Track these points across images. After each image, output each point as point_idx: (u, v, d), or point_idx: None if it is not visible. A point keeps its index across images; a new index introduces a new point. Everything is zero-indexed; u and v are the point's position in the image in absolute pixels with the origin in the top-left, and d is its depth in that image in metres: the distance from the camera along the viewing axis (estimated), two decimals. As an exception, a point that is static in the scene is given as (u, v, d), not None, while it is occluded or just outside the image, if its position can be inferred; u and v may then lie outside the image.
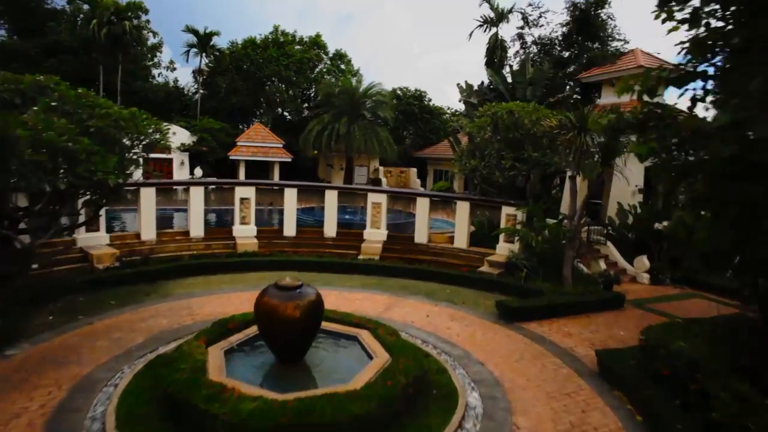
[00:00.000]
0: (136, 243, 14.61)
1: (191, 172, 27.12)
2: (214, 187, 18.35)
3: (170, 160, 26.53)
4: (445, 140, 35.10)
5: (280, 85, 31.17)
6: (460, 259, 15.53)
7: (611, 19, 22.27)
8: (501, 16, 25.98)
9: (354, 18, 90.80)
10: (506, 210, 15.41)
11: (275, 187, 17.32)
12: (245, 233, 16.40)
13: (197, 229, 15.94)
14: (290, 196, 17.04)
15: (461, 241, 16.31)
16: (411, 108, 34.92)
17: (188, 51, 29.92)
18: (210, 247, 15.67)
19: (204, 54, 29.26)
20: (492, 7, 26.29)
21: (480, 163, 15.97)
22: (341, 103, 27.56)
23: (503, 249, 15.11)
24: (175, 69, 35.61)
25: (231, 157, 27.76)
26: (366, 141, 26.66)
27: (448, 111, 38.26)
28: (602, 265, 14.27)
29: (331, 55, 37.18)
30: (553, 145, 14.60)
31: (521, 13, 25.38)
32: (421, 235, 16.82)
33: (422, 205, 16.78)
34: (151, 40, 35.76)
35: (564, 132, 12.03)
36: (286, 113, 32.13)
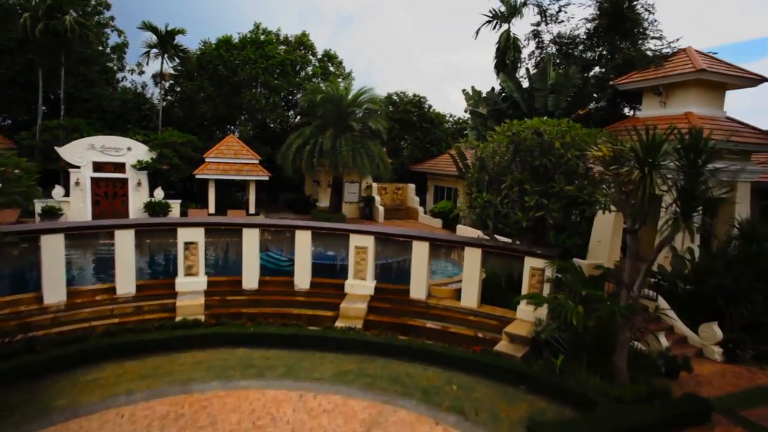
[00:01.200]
0: (34, 310, 11.15)
1: (151, 194, 23.70)
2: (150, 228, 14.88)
3: (125, 181, 23.11)
4: (447, 153, 31.73)
5: (259, 90, 27.76)
6: (470, 327, 12.14)
7: (650, 11, 18.88)
8: (514, 10, 22.67)
9: (354, 19, 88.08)
10: (531, 262, 12.04)
11: (233, 227, 13.88)
12: (191, 287, 13.06)
13: (126, 284, 12.59)
14: (251, 238, 13.64)
15: (471, 297, 12.93)
16: (408, 116, 31.54)
17: (148, 52, 26.51)
18: (141, 309, 12.29)
19: (166, 55, 25.80)
20: (503, 0, 22.96)
21: (496, 197, 12.53)
22: (326, 113, 24.18)
23: (526, 313, 11.75)
24: (143, 72, 32.29)
25: (197, 176, 24.31)
26: (355, 157, 23.32)
27: (450, 119, 34.84)
28: (663, 341, 10.81)
29: (319, 55, 33.84)
30: (592, 176, 11.24)
31: (538, 6, 22.07)
32: (418, 289, 13.45)
33: (420, 251, 13.38)
34: (115, 40, 32.55)
35: (620, 168, 8.60)
36: (269, 122, 28.65)
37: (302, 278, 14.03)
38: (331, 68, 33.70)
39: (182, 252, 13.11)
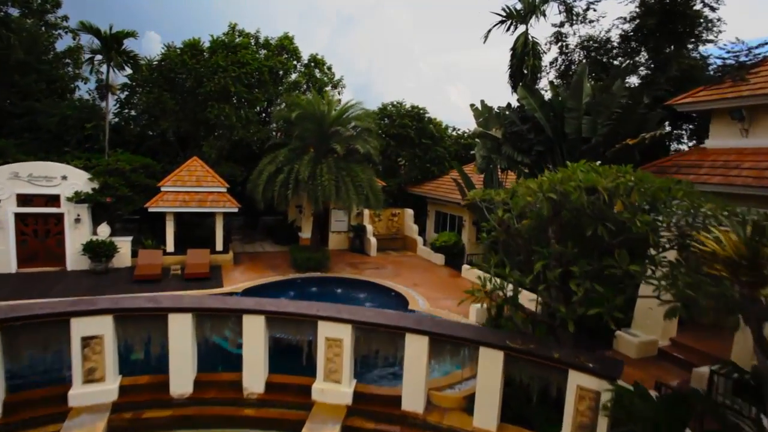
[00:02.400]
0: None
1: (94, 232, 20.04)
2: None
3: (60, 216, 19.45)
4: (450, 174, 28.08)
5: (232, 102, 24.13)
6: (491, 475, 8.40)
7: (712, 7, 15.24)
8: (533, 9, 19.09)
9: (355, 19, 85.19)
10: (579, 379, 8.36)
11: (153, 313, 10.19)
12: (92, 399, 9.40)
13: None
14: (180, 327, 10.02)
15: (488, 416, 9.32)
16: (406, 131, 27.88)
17: (92, 58, 22.83)
18: (6, 446, 8.56)
19: (112, 63, 22.12)
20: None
21: (526, 277, 8.90)
22: (304, 133, 20.56)
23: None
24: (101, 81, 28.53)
25: (150, 210, 20.64)
26: (338, 188, 19.70)
27: (454, 132, 31.16)
28: None
29: (305, 60, 30.22)
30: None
31: (563, 3, 18.51)
32: (414, 399, 9.80)
33: (417, 348, 9.72)
34: (67, 42, 28.95)
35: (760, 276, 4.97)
36: (244, 140, 24.92)
37: (254, 378, 10.38)
38: (318, 74, 30.07)
39: (79, 351, 9.44)
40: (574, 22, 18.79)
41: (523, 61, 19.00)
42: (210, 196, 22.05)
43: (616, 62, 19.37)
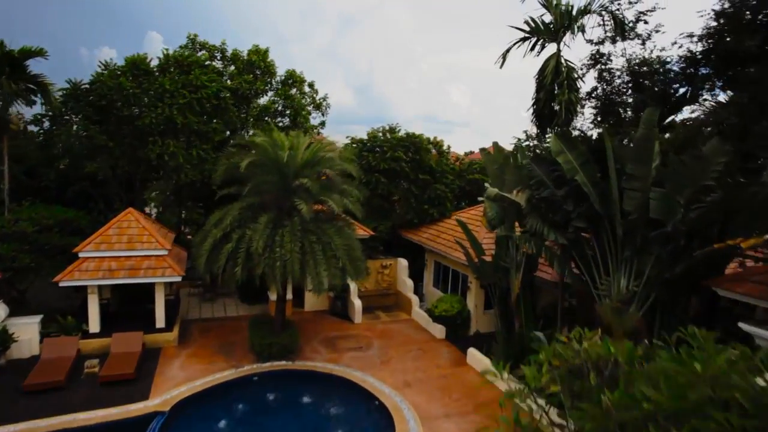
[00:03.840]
0: None
1: (-12, 313, 14.90)
2: None
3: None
4: (453, 216, 22.77)
5: (178, 138, 18.88)
6: None
7: None
8: (568, 22, 13.62)
9: (356, 19, 79.51)
10: None
11: None
12: None
13: None
14: None
15: None
16: (398, 164, 22.50)
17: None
18: None
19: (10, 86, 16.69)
20: (549, 4, 13.87)
21: None
22: (260, 187, 15.30)
23: None
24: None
25: (60, 285, 15.42)
26: (305, 262, 14.41)
27: (457, 163, 25.68)
28: None
29: (281, 76, 24.84)
30: None
31: (606, 11, 13.15)
32: None
33: None
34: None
35: None
36: (197, 180, 19.59)
37: None
38: (296, 93, 24.64)
39: None
40: (621, 37, 13.45)
41: (555, 95, 13.65)
42: (146, 261, 16.76)
43: (671, 89, 14.05)
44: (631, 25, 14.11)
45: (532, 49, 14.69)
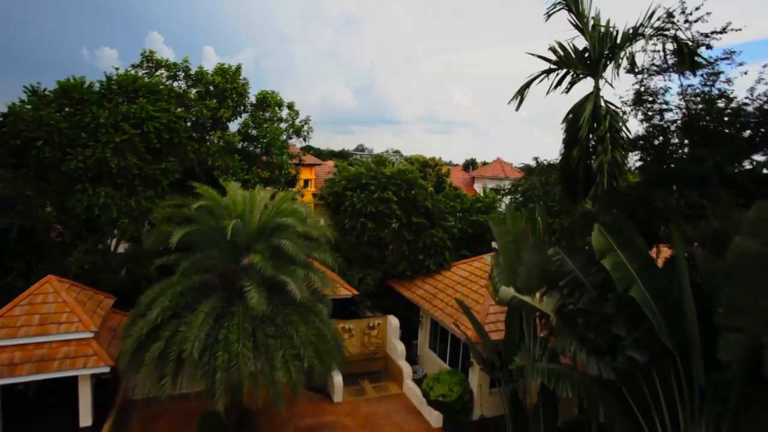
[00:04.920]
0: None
1: None
2: None
3: None
4: (454, 269, 18.98)
5: (115, 185, 15.15)
6: None
7: None
8: (611, 48, 9.72)
9: (357, 19, 75.60)
10: None
11: None
12: None
13: None
14: None
15: None
16: (388, 206, 18.64)
17: None
18: None
19: None
20: (584, 26, 9.95)
21: None
22: (204, 263, 11.54)
23: None
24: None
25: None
26: (259, 370, 10.71)
27: (458, 200, 21.73)
28: None
29: (251, 99, 21.02)
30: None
31: (670, 39, 9.34)
32: None
33: None
34: None
35: None
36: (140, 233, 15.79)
37: None
38: (266, 115, 20.73)
39: None
40: (691, 70, 9.62)
41: (592, 152, 9.79)
42: (63, 348, 12.97)
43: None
44: (690, 47, 10.21)
45: (559, 84, 10.82)
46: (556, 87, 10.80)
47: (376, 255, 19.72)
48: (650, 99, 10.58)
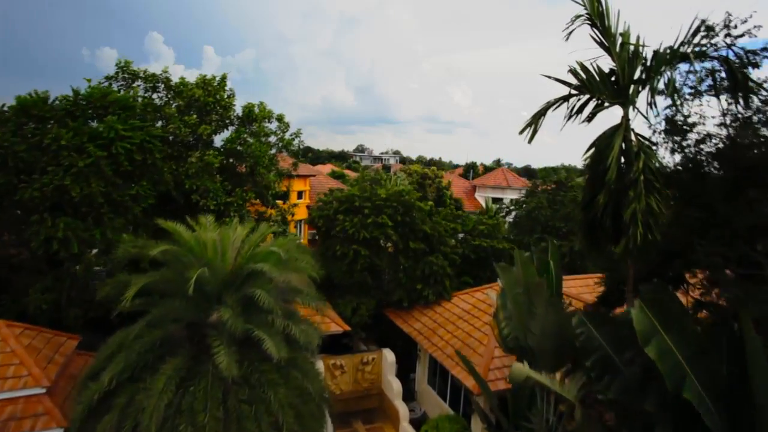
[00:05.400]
0: None
1: None
2: None
3: None
4: (455, 299, 17.40)
5: (78, 215, 13.54)
6: None
7: None
8: (645, 71, 8.04)
9: (358, 19, 73.90)
10: None
11: None
12: None
13: None
14: None
15: None
16: (384, 231, 16.97)
17: None
18: None
19: None
20: (611, 44, 8.31)
21: None
22: (164, 317, 9.90)
23: None
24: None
25: None
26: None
27: (458, 223, 20.03)
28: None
29: (239, 112, 19.38)
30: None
31: (720, 61, 7.73)
32: None
33: None
34: None
35: None
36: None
37: None
38: (256, 130, 19.08)
39: None
40: (743, 101, 8.00)
41: (623, 199, 8.13)
42: (8, 408, 11.33)
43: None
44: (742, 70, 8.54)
45: (579, 111, 9.17)
46: (575, 115, 9.17)
47: (371, 282, 18.08)
48: (688, 128, 8.94)
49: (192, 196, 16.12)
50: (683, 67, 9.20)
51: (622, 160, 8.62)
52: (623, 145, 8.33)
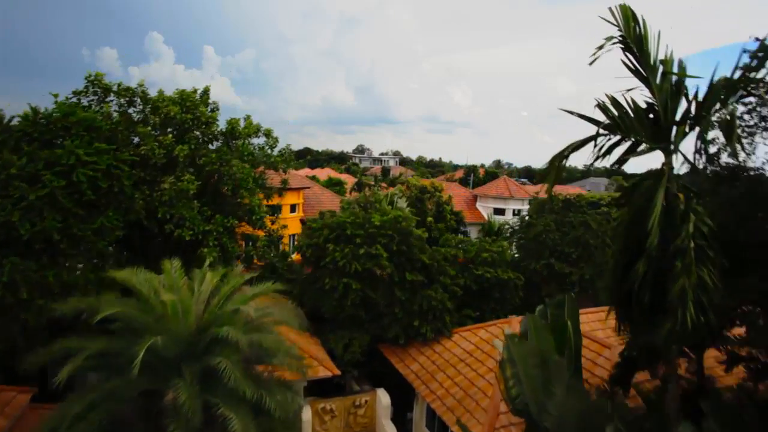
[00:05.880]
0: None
1: None
2: None
3: None
4: (455, 337, 15.78)
5: (30, 254, 11.91)
6: None
7: None
8: (693, 110, 6.40)
9: (358, 19, 72.20)
10: None
11: None
12: None
13: None
14: None
15: None
16: (378, 262, 15.33)
17: None
18: None
19: None
20: (650, 72, 6.67)
21: None
22: (111, 395, 8.26)
23: None
24: None
25: None
26: None
27: (460, 249, 18.35)
28: None
29: (220, 126, 17.75)
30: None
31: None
32: None
33: None
34: None
35: None
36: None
37: None
38: (240, 146, 17.44)
39: None
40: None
41: (666, 266, 6.52)
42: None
43: None
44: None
45: (609, 152, 7.55)
46: (603, 157, 7.55)
47: (365, 316, 16.47)
48: (750, 173, 7.30)
49: (165, 226, 14.49)
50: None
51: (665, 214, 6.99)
52: (665, 200, 6.71)
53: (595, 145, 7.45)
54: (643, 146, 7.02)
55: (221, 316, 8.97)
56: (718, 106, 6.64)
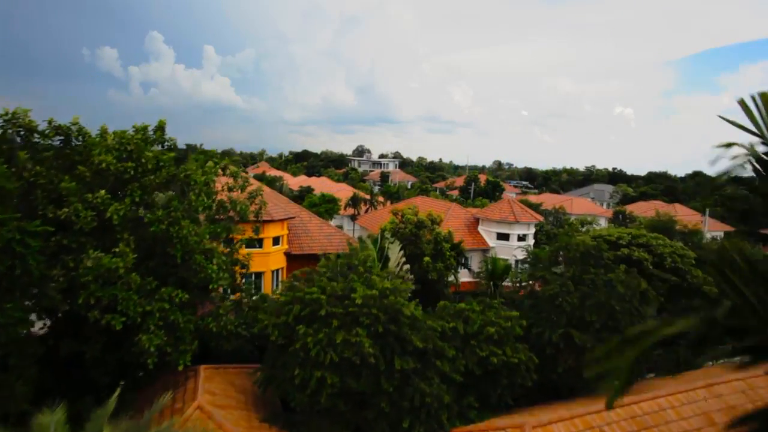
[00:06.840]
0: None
1: None
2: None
3: None
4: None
5: None
6: None
7: None
8: None
9: (358, 19, 68.89)
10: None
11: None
12: None
13: None
14: None
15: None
16: (360, 352, 12.16)
17: None
18: None
19: None
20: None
21: None
22: None
23: None
24: None
25: None
26: None
27: (460, 322, 15.08)
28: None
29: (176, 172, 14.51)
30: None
31: None
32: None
33: None
34: None
35: None
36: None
37: None
38: (193, 199, 14.30)
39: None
40: None
41: None
42: None
43: None
44: None
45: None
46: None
47: (345, 407, 13.32)
48: None
49: (89, 314, 11.33)
50: None
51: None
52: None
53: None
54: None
55: None
56: None
